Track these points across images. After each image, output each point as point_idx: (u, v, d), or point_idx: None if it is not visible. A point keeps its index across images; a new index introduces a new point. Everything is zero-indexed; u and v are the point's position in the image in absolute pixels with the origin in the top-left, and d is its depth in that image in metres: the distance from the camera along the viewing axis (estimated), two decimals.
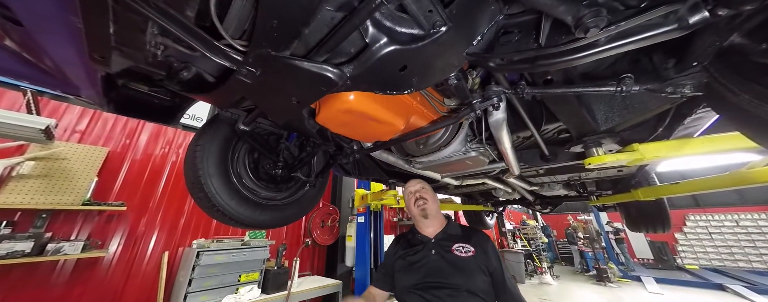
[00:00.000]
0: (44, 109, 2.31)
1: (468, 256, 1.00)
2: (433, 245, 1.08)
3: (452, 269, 0.97)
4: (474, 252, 1.01)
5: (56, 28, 0.56)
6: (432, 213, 1.14)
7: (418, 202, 1.17)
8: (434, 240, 1.09)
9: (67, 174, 2.20)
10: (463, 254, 1.01)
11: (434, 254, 1.04)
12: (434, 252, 1.04)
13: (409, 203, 1.20)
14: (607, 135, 0.90)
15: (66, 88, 0.87)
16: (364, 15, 0.44)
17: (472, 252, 1.01)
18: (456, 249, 1.02)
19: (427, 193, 1.20)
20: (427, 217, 1.13)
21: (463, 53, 0.58)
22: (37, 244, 1.92)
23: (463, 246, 1.03)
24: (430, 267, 1.00)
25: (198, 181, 1.11)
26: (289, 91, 0.62)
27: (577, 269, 9.16)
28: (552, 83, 0.76)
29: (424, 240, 1.11)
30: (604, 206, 2.84)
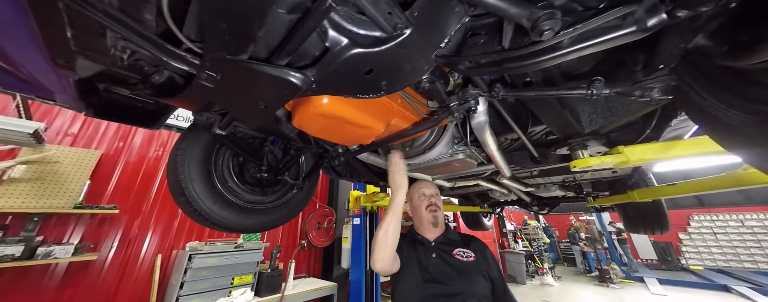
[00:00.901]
0: (36, 112, 2.31)
1: (469, 261, 1.00)
2: (433, 248, 1.07)
3: (455, 273, 0.96)
4: (475, 258, 1.01)
5: (15, 32, 0.55)
6: (440, 221, 1.15)
7: (431, 207, 1.17)
8: (434, 244, 1.09)
9: (59, 177, 2.20)
10: (465, 258, 1.01)
11: (435, 257, 1.03)
12: (435, 256, 1.04)
13: (420, 205, 1.19)
14: (591, 137, 0.88)
15: (40, 92, 0.85)
16: (317, 17, 0.42)
17: (473, 258, 1.01)
18: (457, 254, 1.02)
19: (440, 201, 1.21)
20: (436, 225, 1.13)
21: (432, 56, 0.56)
22: (27, 248, 1.91)
23: (464, 251, 1.03)
24: (434, 270, 0.99)
25: (179, 185, 1.09)
26: (255, 95, 0.60)
27: (580, 270, 9.09)
28: (531, 84, 0.74)
29: (425, 242, 1.11)
30: (602, 208, 2.81)
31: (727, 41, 0.34)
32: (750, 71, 0.33)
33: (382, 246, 0.93)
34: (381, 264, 0.94)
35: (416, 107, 0.98)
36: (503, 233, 8.76)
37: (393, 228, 0.95)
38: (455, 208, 3.34)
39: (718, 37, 0.35)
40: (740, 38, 0.31)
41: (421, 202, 1.20)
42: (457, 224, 6.48)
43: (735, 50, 0.32)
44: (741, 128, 0.35)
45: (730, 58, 0.33)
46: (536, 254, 8.80)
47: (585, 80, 0.59)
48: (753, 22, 0.29)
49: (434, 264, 1.02)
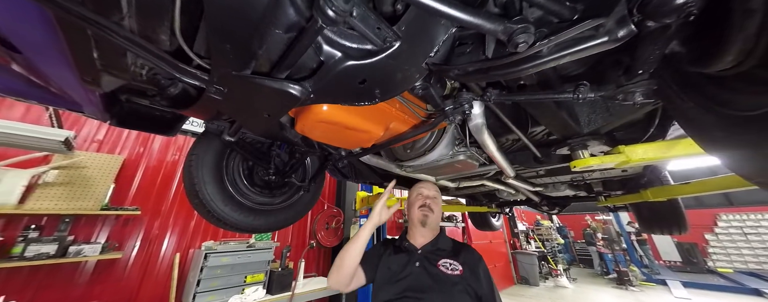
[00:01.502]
0: (66, 122, 2.50)
1: (454, 274, 0.92)
2: (418, 256, 1.03)
3: (434, 284, 0.90)
4: (461, 272, 0.93)
5: (50, 54, 0.62)
6: (430, 225, 1.10)
7: (423, 208, 1.13)
8: (421, 251, 1.05)
9: (87, 181, 2.37)
10: (449, 271, 0.94)
11: (418, 266, 0.98)
12: (418, 264, 0.99)
13: (414, 204, 1.16)
14: (591, 137, 0.88)
15: (70, 105, 0.94)
16: (311, 35, 0.46)
17: (459, 272, 0.93)
18: (442, 265, 0.96)
19: (436, 204, 1.16)
20: (424, 225, 1.10)
21: (422, 64, 0.59)
22: (60, 246, 2.08)
23: (451, 263, 0.96)
24: (412, 281, 0.95)
25: (194, 188, 1.17)
26: (258, 106, 0.65)
27: (597, 271, 8.77)
28: (525, 87, 0.75)
29: (411, 249, 1.07)
30: (615, 207, 2.71)
31: (695, 49, 0.35)
32: (718, 77, 0.33)
33: (336, 270, 0.98)
34: (334, 284, 0.99)
35: (414, 111, 1.01)
36: (514, 233, 8.58)
37: (349, 255, 0.98)
38: (462, 208, 3.32)
39: (688, 45, 0.36)
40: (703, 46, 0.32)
41: (416, 200, 1.17)
42: (466, 225, 6.40)
43: (701, 57, 0.33)
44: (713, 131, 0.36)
45: (699, 64, 0.34)
46: (550, 255, 8.56)
47: (576, 83, 0.60)
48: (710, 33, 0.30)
49: (415, 274, 0.96)
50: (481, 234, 6.64)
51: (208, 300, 2.37)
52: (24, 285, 2.08)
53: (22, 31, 0.55)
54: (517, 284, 7.36)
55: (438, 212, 1.15)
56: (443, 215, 5.88)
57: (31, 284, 2.10)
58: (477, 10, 0.37)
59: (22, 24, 0.53)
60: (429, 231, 1.11)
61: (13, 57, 0.69)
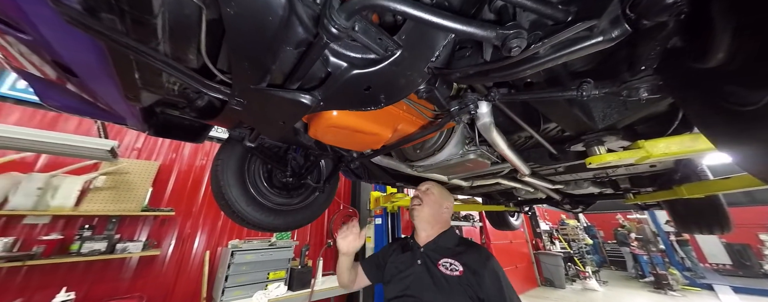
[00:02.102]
0: (111, 132, 2.78)
1: (453, 275, 0.89)
2: (420, 254, 1.03)
3: (432, 285, 0.89)
4: (461, 273, 0.89)
5: (100, 76, 0.72)
6: (420, 218, 1.10)
7: (413, 200, 1.17)
8: (423, 249, 1.04)
9: (129, 185, 2.64)
10: (449, 271, 0.90)
11: (420, 264, 0.98)
12: (420, 262, 0.99)
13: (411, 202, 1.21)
14: (607, 133, 0.85)
15: (115, 119, 1.07)
16: (318, 50, 0.50)
17: (459, 272, 0.89)
18: (442, 264, 0.93)
19: (427, 196, 1.16)
20: (414, 218, 1.12)
21: (424, 69, 0.61)
22: (109, 244, 2.33)
23: (451, 263, 0.93)
24: (413, 280, 0.95)
25: (220, 190, 1.28)
26: (274, 114, 0.71)
27: (631, 274, 8.17)
28: (532, 86, 0.75)
29: (414, 247, 1.08)
30: (646, 205, 2.53)
31: (692, 45, 0.34)
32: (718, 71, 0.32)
33: (338, 276, 1.18)
34: (340, 285, 1.18)
35: (422, 112, 1.03)
36: (537, 233, 8.20)
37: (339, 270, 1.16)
38: (478, 207, 3.26)
39: (687, 41, 0.35)
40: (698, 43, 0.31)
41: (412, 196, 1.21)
42: (483, 224, 6.23)
43: (698, 53, 0.33)
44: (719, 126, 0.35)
45: (697, 59, 0.33)
46: (577, 256, 8.10)
47: (580, 80, 0.60)
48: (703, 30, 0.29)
49: (416, 273, 0.96)
50: (500, 233, 6.44)
51: (235, 295, 2.54)
52: (82, 278, 2.35)
53: (80, 59, 0.65)
54: (540, 286, 7.05)
55: (431, 204, 1.12)
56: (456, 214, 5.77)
57: (87, 277, 2.38)
58: (469, 20, 0.39)
59: (81, 54, 0.62)
60: (425, 224, 1.10)
61: (70, 80, 0.80)
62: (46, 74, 0.77)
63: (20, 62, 0.73)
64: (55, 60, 0.67)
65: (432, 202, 1.14)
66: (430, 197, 1.16)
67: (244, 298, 2.55)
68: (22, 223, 2.23)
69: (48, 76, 0.78)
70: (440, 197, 1.17)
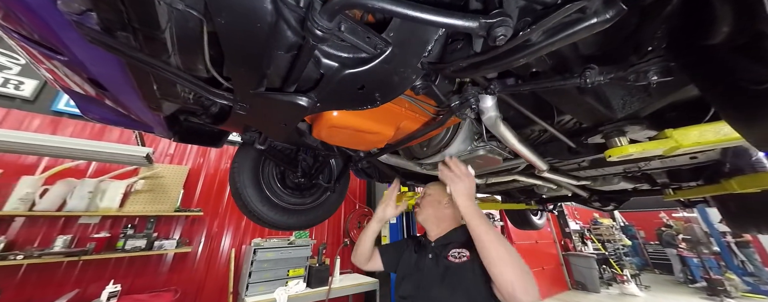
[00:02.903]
0: (147, 140, 3.07)
1: (462, 261, 0.90)
2: (432, 249, 1.04)
3: (440, 280, 0.90)
4: (468, 257, 0.90)
5: (126, 89, 0.80)
6: (424, 221, 1.12)
7: (415, 208, 1.18)
8: (434, 244, 1.06)
9: (163, 188, 2.90)
10: (457, 259, 0.92)
11: (431, 259, 1.00)
12: (431, 257, 1.01)
13: None
14: (628, 122, 0.77)
15: (145, 127, 1.18)
16: (308, 52, 0.52)
17: (467, 257, 0.90)
18: (451, 255, 0.94)
19: (423, 199, 1.16)
20: (420, 223, 1.14)
21: (417, 65, 0.60)
22: (148, 241, 2.58)
23: (459, 251, 0.94)
24: (424, 275, 0.97)
25: (237, 191, 1.35)
26: (275, 117, 0.74)
27: (678, 279, 7.37)
28: (539, 75, 0.71)
29: (426, 244, 1.09)
30: (689, 201, 2.26)
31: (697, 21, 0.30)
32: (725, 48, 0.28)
33: (355, 249, 1.21)
34: (354, 259, 1.21)
35: (424, 109, 1.02)
36: (566, 233, 7.69)
37: (361, 241, 1.18)
38: (497, 205, 3.13)
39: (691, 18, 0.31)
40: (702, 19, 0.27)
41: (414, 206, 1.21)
42: (505, 224, 5.97)
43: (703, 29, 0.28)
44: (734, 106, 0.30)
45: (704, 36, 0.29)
46: (613, 258, 7.47)
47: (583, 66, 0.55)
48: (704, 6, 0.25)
49: (427, 268, 0.98)
50: (524, 234, 6.13)
51: (259, 290, 2.68)
52: (126, 272, 2.63)
53: (107, 75, 0.73)
54: (571, 289, 6.60)
55: (428, 206, 1.13)
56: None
57: (130, 271, 2.64)
58: (450, 11, 0.38)
59: (107, 70, 0.69)
60: (431, 225, 1.11)
61: (103, 94, 0.90)
62: (86, 90, 0.87)
63: (66, 82, 0.83)
64: (89, 77, 0.75)
65: (429, 203, 1.15)
66: (427, 198, 1.16)
67: (266, 294, 2.68)
68: (78, 223, 2.54)
69: (87, 92, 0.87)
70: (438, 194, 1.15)
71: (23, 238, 2.32)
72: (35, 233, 2.37)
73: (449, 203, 1.13)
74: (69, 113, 2.83)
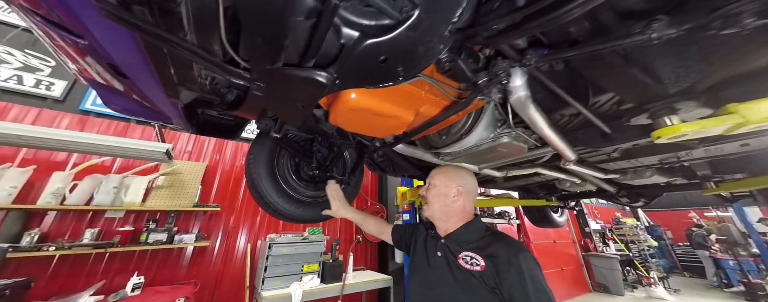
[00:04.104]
0: (166, 138, 3.17)
1: (473, 270, 0.81)
2: (441, 245, 0.96)
3: (451, 281, 0.83)
4: (482, 268, 0.80)
5: (145, 76, 0.79)
6: (431, 216, 1.03)
7: (423, 195, 1.07)
8: (444, 240, 0.97)
9: (183, 184, 2.98)
10: (468, 265, 0.83)
11: (440, 256, 0.92)
12: (440, 255, 0.93)
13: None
14: (682, 98, 0.68)
15: (163, 119, 1.20)
16: (328, 17, 0.48)
17: (480, 267, 0.80)
18: (462, 258, 0.86)
19: (428, 192, 1.04)
20: (431, 219, 1.04)
21: (445, 33, 0.55)
22: (169, 235, 2.66)
23: (472, 257, 0.84)
24: (431, 272, 0.91)
25: (253, 183, 1.35)
26: (292, 97, 0.71)
27: (711, 282, 6.89)
28: (578, 43, 0.64)
29: (436, 237, 1.00)
30: (732, 196, 2.06)
31: None
32: None
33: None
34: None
35: (446, 92, 0.96)
36: (585, 233, 7.35)
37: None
38: (515, 202, 2.99)
39: None
40: None
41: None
42: (521, 221, 5.76)
43: None
44: None
45: None
46: (638, 259, 7.07)
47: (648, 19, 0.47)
48: None
49: (434, 266, 0.91)
50: (542, 233, 5.90)
51: (275, 285, 2.71)
52: (149, 265, 2.73)
53: (126, 59, 0.72)
54: (592, 292, 6.30)
55: (433, 200, 1.01)
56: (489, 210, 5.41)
57: (152, 264, 2.74)
58: None
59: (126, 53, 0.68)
60: (439, 221, 1.01)
61: (123, 82, 0.90)
62: (108, 81, 0.87)
63: (89, 73, 0.84)
64: (109, 63, 0.74)
65: (436, 195, 1.02)
66: (433, 191, 1.04)
67: (282, 288, 2.70)
68: (104, 217, 2.66)
69: (109, 82, 0.88)
70: (445, 186, 1.01)
71: (55, 231, 2.46)
72: (66, 226, 2.50)
73: (458, 196, 1.00)
74: (95, 112, 2.97)
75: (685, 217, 8.85)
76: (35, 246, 2.16)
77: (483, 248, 0.86)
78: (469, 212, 1.01)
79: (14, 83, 2.73)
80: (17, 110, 2.63)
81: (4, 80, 2.69)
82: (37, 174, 2.39)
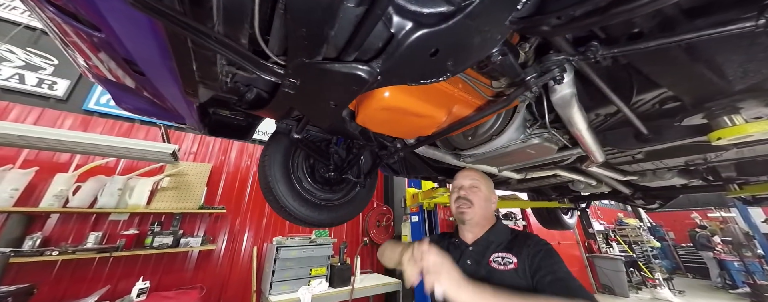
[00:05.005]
0: (172, 139, 3.11)
1: (508, 269, 0.79)
2: (469, 253, 0.91)
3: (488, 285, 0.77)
4: (515, 265, 0.79)
5: (164, 72, 0.74)
6: (471, 221, 0.93)
7: (459, 201, 0.95)
8: (471, 247, 0.92)
9: (188, 186, 2.92)
10: (502, 266, 0.81)
11: (470, 265, 0.87)
12: (470, 263, 0.88)
13: (451, 199, 1.00)
14: (749, 96, 0.63)
15: (177, 119, 1.14)
16: (384, 3, 0.43)
17: (513, 265, 0.79)
18: (494, 260, 0.83)
19: (475, 195, 0.95)
20: (464, 223, 0.94)
21: (506, 22, 0.50)
22: (175, 238, 2.60)
23: (503, 257, 0.83)
24: None
25: (268, 186, 1.29)
26: (326, 95, 0.66)
27: (715, 283, 6.85)
28: (641, 36, 0.59)
29: (461, 246, 0.95)
30: (755, 199, 2.02)
31: None
32: None
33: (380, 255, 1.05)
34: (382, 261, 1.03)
35: (480, 90, 0.91)
36: (589, 234, 7.31)
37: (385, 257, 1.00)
38: (527, 204, 2.94)
39: None
40: None
41: (452, 194, 1.00)
42: (527, 223, 5.72)
43: None
44: None
45: None
46: (641, 260, 7.03)
47: (733, 12, 0.43)
48: None
49: (465, 273, 0.82)
50: (547, 234, 5.84)
51: (283, 289, 2.65)
52: (154, 269, 2.66)
53: (145, 54, 0.66)
54: (597, 293, 6.25)
55: (481, 203, 0.94)
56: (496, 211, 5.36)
57: (158, 268, 2.68)
58: None
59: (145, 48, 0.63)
60: (474, 227, 0.94)
61: (138, 79, 0.85)
62: (119, 78, 0.81)
63: (100, 70, 0.78)
64: (125, 58, 0.69)
65: (482, 200, 0.95)
66: (479, 194, 0.96)
67: (290, 293, 2.64)
68: (108, 220, 2.60)
69: (120, 80, 0.82)
70: (488, 191, 0.99)
71: (57, 234, 2.39)
72: (69, 229, 2.44)
73: (495, 202, 1.00)
74: (99, 112, 2.91)
75: (687, 218, 8.82)
76: (37, 251, 2.09)
77: (511, 247, 0.85)
78: (493, 215, 1.01)
79: (16, 81, 2.67)
80: (19, 109, 2.57)
81: (5, 79, 2.63)
82: (39, 176, 2.32)
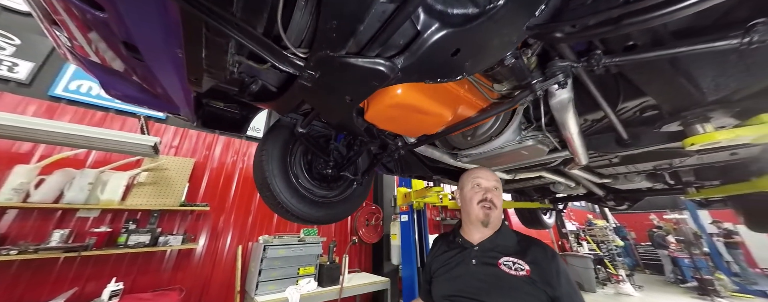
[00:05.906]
0: (151, 131, 2.91)
1: (520, 276, 0.79)
2: (475, 253, 0.90)
3: (494, 287, 0.79)
4: (528, 272, 0.78)
5: (165, 60, 0.70)
6: (492, 223, 0.92)
7: (484, 203, 0.93)
8: (477, 247, 0.91)
9: (168, 181, 2.75)
10: (514, 271, 0.80)
11: (475, 264, 0.87)
12: (475, 263, 0.87)
13: (472, 199, 0.95)
14: (718, 107, 0.72)
15: (171, 108, 1.08)
16: (416, 1, 0.44)
17: (526, 272, 0.79)
18: (504, 264, 0.83)
19: (497, 197, 0.95)
20: (486, 225, 0.92)
21: (524, 27, 0.54)
22: (152, 237, 2.44)
23: (514, 262, 0.82)
24: (466, 282, 0.85)
25: (265, 181, 1.26)
26: (344, 89, 0.66)
27: (669, 279, 7.56)
28: (635, 48, 0.65)
29: (466, 246, 0.93)
30: (707, 201, 2.28)
31: None
32: None
33: None
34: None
35: (483, 92, 0.96)
36: (563, 234, 7.78)
37: None
38: (510, 204, 3.10)
39: None
40: None
41: (474, 195, 0.95)
42: (508, 222, 5.98)
43: None
44: None
45: None
46: (607, 258, 7.59)
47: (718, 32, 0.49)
48: None
49: (470, 274, 0.85)
50: (525, 232, 6.15)
51: (269, 289, 2.57)
52: (128, 269, 2.48)
53: (150, 37, 0.63)
54: None
55: (501, 206, 0.95)
56: None
57: (132, 269, 2.50)
58: None
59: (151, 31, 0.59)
60: (488, 228, 0.94)
61: (134, 66, 0.80)
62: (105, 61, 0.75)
63: (85, 51, 0.73)
64: (124, 41, 0.65)
65: (501, 201, 0.95)
66: (499, 196, 0.96)
67: (277, 293, 2.57)
68: (76, 216, 2.39)
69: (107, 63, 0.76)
70: (501, 191, 0.99)
71: (15, 232, 2.16)
72: (29, 226, 2.21)
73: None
74: (67, 99, 2.66)
75: (646, 219, 9.65)
76: None
77: (523, 253, 0.85)
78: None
79: None
80: None
81: None
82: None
